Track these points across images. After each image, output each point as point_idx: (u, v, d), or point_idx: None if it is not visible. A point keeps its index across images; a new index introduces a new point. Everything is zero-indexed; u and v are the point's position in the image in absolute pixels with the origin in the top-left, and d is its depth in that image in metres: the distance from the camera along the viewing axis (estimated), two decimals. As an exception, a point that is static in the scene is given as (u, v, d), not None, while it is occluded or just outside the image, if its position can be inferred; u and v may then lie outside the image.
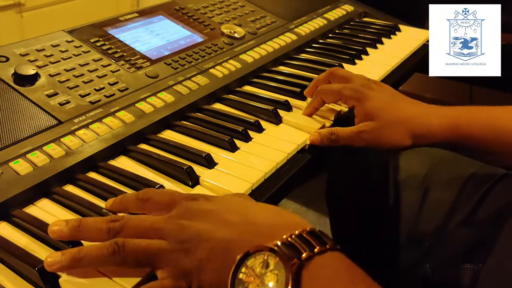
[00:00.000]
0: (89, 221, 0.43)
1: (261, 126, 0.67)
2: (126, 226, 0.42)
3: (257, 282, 0.35)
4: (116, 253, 0.40)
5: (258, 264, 0.36)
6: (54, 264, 0.40)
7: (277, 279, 0.35)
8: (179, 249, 0.39)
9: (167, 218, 0.42)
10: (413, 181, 0.71)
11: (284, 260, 0.35)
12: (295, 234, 0.37)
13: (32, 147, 0.55)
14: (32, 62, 0.66)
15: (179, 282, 0.39)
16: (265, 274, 0.36)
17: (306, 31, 0.99)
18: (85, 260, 0.40)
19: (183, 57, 0.78)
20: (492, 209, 0.63)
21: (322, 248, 0.36)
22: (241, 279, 0.36)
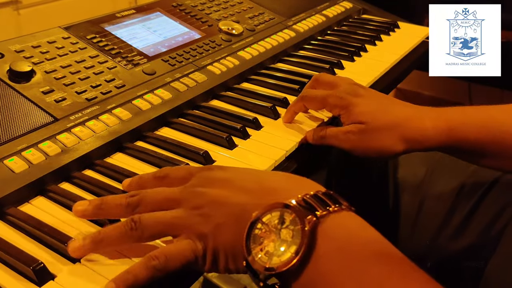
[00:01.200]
0: (109, 198, 0.45)
1: (259, 123, 0.66)
2: (144, 199, 0.43)
3: (273, 237, 0.36)
4: (134, 229, 0.41)
5: (274, 220, 0.37)
6: (77, 249, 0.42)
7: (293, 235, 0.35)
8: (195, 214, 0.40)
9: (183, 188, 0.43)
10: (412, 179, 0.71)
11: (300, 216, 0.36)
12: (311, 194, 0.38)
13: (27, 145, 0.54)
14: (27, 58, 0.66)
15: (195, 244, 0.40)
16: (281, 229, 0.36)
17: (304, 28, 0.98)
18: (105, 240, 0.42)
19: (181, 53, 0.78)
20: (494, 206, 0.63)
21: (337, 207, 0.37)
22: (257, 235, 0.37)
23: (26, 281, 0.41)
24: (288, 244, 0.35)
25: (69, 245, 0.42)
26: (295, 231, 0.35)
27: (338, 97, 0.60)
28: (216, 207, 0.40)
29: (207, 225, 0.40)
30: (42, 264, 0.41)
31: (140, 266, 0.39)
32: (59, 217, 0.49)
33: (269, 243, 0.36)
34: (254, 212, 0.38)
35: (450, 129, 0.57)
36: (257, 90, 0.77)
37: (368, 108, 0.59)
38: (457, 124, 0.57)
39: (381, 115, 0.58)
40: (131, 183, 0.49)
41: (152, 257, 0.39)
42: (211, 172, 0.44)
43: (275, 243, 0.36)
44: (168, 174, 0.46)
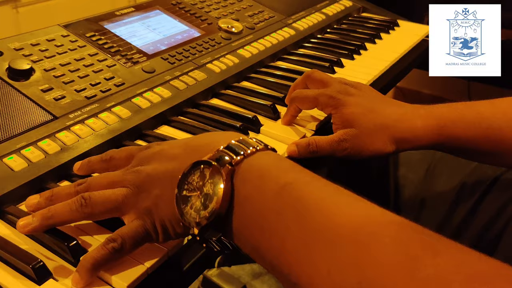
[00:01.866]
0: (59, 189, 0.47)
1: (259, 121, 0.66)
2: (90, 185, 0.45)
3: (197, 193, 0.39)
4: (84, 206, 0.43)
5: (196, 178, 0.39)
6: (27, 226, 0.43)
7: (213, 187, 0.38)
8: (138, 192, 0.42)
9: (125, 170, 0.45)
10: (414, 176, 0.71)
11: (216, 168, 0.38)
12: (224, 145, 0.40)
13: (27, 143, 0.54)
14: (26, 56, 0.65)
15: (144, 221, 0.42)
16: (204, 185, 0.39)
17: (304, 26, 0.98)
18: (55, 217, 0.43)
19: (180, 51, 0.78)
20: (495, 204, 0.62)
21: (251, 150, 0.39)
22: (185, 195, 0.39)
23: (25, 279, 0.41)
24: (211, 196, 0.38)
25: (18, 222, 0.43)
26: (215, 182, 0.38)
27: (330, 96, 0.60)
28: (151, 181, 0.42)
29: (148, 200, 0.42)
30: (42, 263, 0.41)
31: (98, 250, 0.41)
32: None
33: (196, 200, 0.39)
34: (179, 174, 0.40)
35: (441, 127, 0.57)
36: (256, 88, 0.77)
37: (359, 109, 0.58)
38: (447, 122, 0.57)
39: (371, 116, 0.58)
40: (81, 166, 0.51)
41: (109, 240, 0.41)
42: (148, 150, 0.46)
43: (200, 198, 0.38)
44: (112, 156, 0.48)
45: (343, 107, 0.59)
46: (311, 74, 0.65)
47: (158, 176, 0.42)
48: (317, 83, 0.64)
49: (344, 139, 0.57)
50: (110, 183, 0.44)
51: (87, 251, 0.44)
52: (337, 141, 0.58)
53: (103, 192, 0.44)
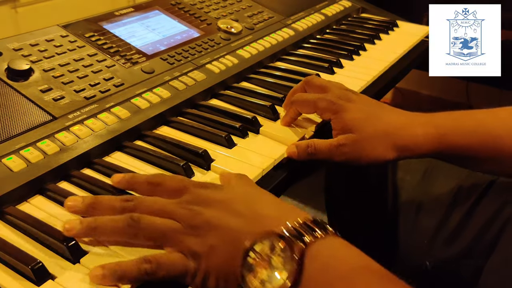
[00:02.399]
0: (104, 199, 0.46)
1: (258, 122, 0.66)
2: (139, 206, 0.44)
3: (265, 264, 0.38)
4: (131, 226, 0.42)
5: (266, 249, 0.39)
6: (72, 230, 0.43)
7: (284, 262, 0.38)
8: (190, 233, 0.42)
9: (178, 202, 0.44)
10: (412, 176, 0.71)
11: (289, 244, 0.38)
12: (300, 222, 0.40)
13: (26, 143, 0.54)
14: (26, 57, 0.65)
15: (187, 260, 0.41)
16: (272, 257, 0.38)
17: (303, 27, 0.98)
18: (99, 229, 0.43)
19: (179, 52, 0.78)
20: (492, 206, 0.62)
21: (324, 233, 0.39)
22: (250, 263, 0.39)
23: (24, 280, 0.41)
24: (280, 271, 0.38)
25: (65, 224, 0.43)
26: (285, 258, 0.38)
27: (330, 101, 0.59)
28: (210, 229, 0.42)
29: (201, 245, 0.41)
30: (41, 263, 0.41)
31: (131, 265, 0.40)
32: (57, 216, 0.48)
33: (262, 271, 0.38)
34: (245, 239, 0.40)
35: (441, 136, 0.57)
36: (256, 89, 0.77)
37: (359, 115, 0.58)
38: (447, 130, 0.57)
39: (372, 122, 0.58)
40: (122, 181, 0.49)
41: (145, 260, 0.40)
42: (206, 191, 0.45)
43: (267, 270, 0.38)
44: (162, 183, 0.47)
45: (343, 112, 0.58)
46: (311, 80, 0.64)
47: (221, 229, 0.42)
48: (316, 88, 0.64)
49: (343, 144, 0.57)
50: (160, 211, 0.44)
51: (86, 252, 0.44)
52: (336, 145, 0.57)
53: (154, 219, 0.43)
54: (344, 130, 0.58)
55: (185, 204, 0.44)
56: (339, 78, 0.83)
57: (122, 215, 0.43)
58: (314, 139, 0.59)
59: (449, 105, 0.60)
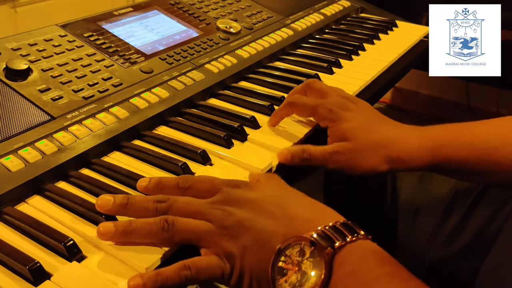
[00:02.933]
0: (136, 199, 0.46)
1: (257, 122, 0.66)
2: (172, 207, 0.45)
3: (295, 269, 0.39)
4: (165, 230, 0.43)
5: (296, 253, 0.40)
6: (107, 233, 0.43)
7: (313, 266, 0.39)
8: (224, 234, 0.43)
9: (211, 203, 0.45)
10: (410, 177, 0.71)
11: (318, 249, 0.39)
12: (329, 225, 0.40)
13: (24, 143, 0.54)
14: (24, 56, 0.65)
15: (224, 262, 0.42)
16: (302, 261, 0.39)
17: (302, 27, 0.98)
18: (134, 233, 0.43)
19: (178, 52, 0.78)
20: (490, 206, 0.62)
21: (354, 237, 0.40)
22: (281, 267, 0.40)
23: (22, 280, 0.41)
24: (309, 275, 0.38)
25: (101, 227, 0.43)
26: (315, 263, 0.39)
27: (328, 109, 0.60)
28: (243, 230, 0.42)
29: (235, 246, 0.42)
30: (38, 264, 0.41)
31: (172, 272, 0.40)
32: (56, 216, 0.48)
33: (292, 275, 0.39)
34: (277, 241, 0.41)
35: (435, 148, 0.57)
36: (255, 88, 0.77)
37: (355, 124, 0.58)
38: (442, 143, 0.57)
39: (367, 133, 0.58)
40: (149, 186, 0.49)
41: (185, 266, 0.41)
42: (237, 191, 0.46)
43: (297, 274, 0.39)
44: (192, 186, 0.47)
45: (340, 121, 0.59)
46: (312, 83, 0.64)
47: (253, 230, 0.42)
48: (316, 93, 0.63)
49: (338, 151, 0.57)
50: (193, 212, 0.44)
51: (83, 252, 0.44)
52: (331, 152, 0.57)
53: (188, 221, 0.43)
54: (340, 139, 0.58)
55: (217, 204, 0.44)
56: (338, 78, 0.83)
57: (156, 218, 0.43)
58: (308, 145, 0.58)
59: (448, 105, 0.60)
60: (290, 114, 0.65)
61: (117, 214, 0.46)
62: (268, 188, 0.48)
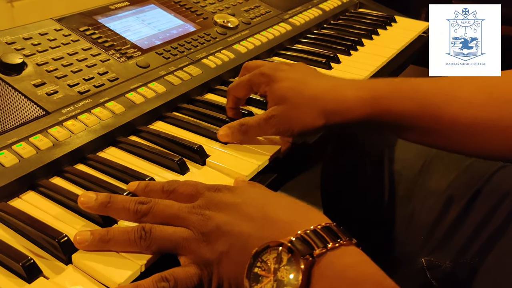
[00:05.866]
0: (118, 199, 0.45)
1: (254, 117, 0.65)
2: (153, 210, 0.44)
3: (271, 276, 0.37)
4: (143, 238, 0.42)
5: (272, 259, 0.37)
6: (83, 242, 0.42)
7: (289, 275, 0.36)
8: (202, 240, 0.41)
9: (191, 207, 0.43)
10: (408, 173, 0.70)
11: (296, 256, 0.36)
12: (310, 229, 0.38)
13: (18, 138, 0.53)
14: (18, 50, 0.64)
15: (201, 270, 0.41)
16: (279, 269, 0.37)
17: (301, 22, 0.97)
18: (112, 241, 0.42)
19: (175, 46, 0.77)
20: (489, 202, 0.62)
21: (335, 244, 0.37)
22: (256, 273, 0.37)
23: (15, 277, 0.41)
24: (284, 285, 0.36)
25: (77, 235, 0.42)
26: (291, 272, 0.36)
27: (261, 73, 0.59)
28: (220, 235, 0.41)
29: (212, 253, 0.41)
30: (32, 260, 0.41)
31: (149, 284, 0.39)
32: (50, 212, 0.48)
33: (267, 283, 0.37)
34: (255, 244, 0.38)
35: (374, 99, 0.54)
36: (252, 84, 0.76)
37: (289, 83, 0.57)
38: (382, 94, 0.54)
39: (301, 90, 0.56)
40: (137, 189, 0.48)
41: (162, 278, 0.39)
42: (218, 194, 0.44)
43: (272, 283, 0.36)
44: (176, 189, 0.46)
45: (273, 83, 0.58)
46: (247, 64, 0.66)
47: (230, 234, 0.41)
48: (252, 68, 0.63)
49: (272, 116, 0.56)
50: (173, 217, 0.43)
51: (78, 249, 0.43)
52: (266, 118, 0.57)
53: (165, 229, 0.42)
54: (277, 102, 0.57)
55: (197, 209, 0.43)
56: (336, 73, 0.82)
57: (134, 227, 0.42)
58: (246, 117, 0.59)
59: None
60: (238, 101, 0.64)
61: (98, 212, 0.45)
62: (250, 191, 0.46)
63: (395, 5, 1.15)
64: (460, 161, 0.68)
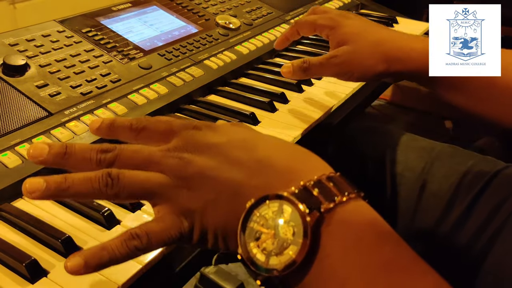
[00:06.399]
0: (77, 148, 0.37)
1: (256, 118, 0.66)
2: (119, 157, 0.37)
3: (271, 233, 0.32)
4: (109, 186, 0.35)
5: (272, 212, 0.32)
6: (35, 190, 0.34)
7: (293, 232, 0.31)
8: (182, 186, 0.35)
9: (166, 150, 0.37)
10: (410, 174, 0.70)
11: (301, 212, 0.31)
12: (314, 180, 0.33)
13: (21, 139, 0.54)
14: (21, 52, 0.65)
15: (180, 221, 0.35)
16: (280, 224, 0.32)
17: (302, 23, 0.97)
18: (71, 190, 0.35)
19: (177, 48, 0.77)
20: (491, 204, 0.62)
21: (344, 197, 0.33)
22: (252, 228, 0.33)
23: (18, 277, 0.41)
24: (288, 243, 0.31)
25: (27, 183, 0.35)
26: (296, 228, 0.31)
27: (328, 18, 0.64)
28: (204, 181, 0.35)
29: (194, 201, 0.35)
30: (35, 261, 0.41)
31: (118, 244, 0.34)
32: (53, 213, 0.48)
33: (267, 239, 0.32)
34: (248, 194, 0.33)
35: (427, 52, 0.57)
36: (254, 85, 0.76)
37: (355, 29, 0.61)
38: None
39: (365, 35, 0.60)
40: (101, 127, 0.41)
41: (133, 235, 0.34)
42: (197, 133, 0.38)
43: (273, 240, 0.32)
44: (146, 127, 0.39)
45: (339, 27, 0.62)
46: (316, 7, 0.69)
47: (216, 180, 0.35)
48: (320, 12, 0.67)
49: (335, 55, 0.59)
50: (144, 162, 0.36)
51: (81, 249, 0.43)
52: (328, 57, 0.60)
53: (136, 174, 0.36)
54: (340, 44, 0.61)
55: (173, 151, 0.37)
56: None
57: (98, 172, 0.35)
58: (308, 57, 0.62)
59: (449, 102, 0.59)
60: (296, 34, 0.69)
61: (54, 165, 0.37)
62: (236, 130, 0.40)
63: (396, 6, 1.15)
64: (461, 163, 0.68)
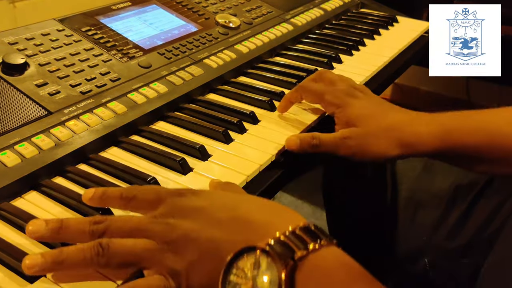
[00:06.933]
0: (71, 222, 0.40)
1: (256, 117, 0.66)
2: (110, 228, 0.39)
3: (249, 284, 0.34)
4: (100, 255, 0.37)
5: (250, 265, 0.35)
6: (34, 266, 0.37)
7: (270, 281, 0.34)
8: (167, 250, 0.38)
9: (153, 217, 0.40)
10: (411, 172, 0.70)
11: (276, 261, 0.34)
12: (288, 231, 0.36)
13: (20, 138, 0.54)
14: (21, 51, 0.65)
15: (167, 281, 0.37)
16: (257, 275, 0.34)
17: (302, 22, 0.97)
18: (66, 262, 0.38)
19: (177, 47, 0.77)
20: (492, 203, 0.62)
21: (316, 245, 0.35)
22: (232, 281, 0.35)
23: (17, 277, 0.41)
24: None
25: (25, 260, 0.38)
26: (272, 277, 0.34)
27: (335, 96, 0.61)
28: (187, 243, 0.38)
29: (179, 262, 0.37)
30: (34, 260, 0.41)
31: None
32: (52, 212, 0.48)
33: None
34: (227, 250, 0.36)
35: (445, 133, 0.56)
36: (254, 84, 0.76)
37: (363, 111, 0.59)
38: (452, 128, 0.57)
39: (376, 118, 0.58)
40: (94, 197, 0.44)
41: None
42: (182, 200, 0.41)
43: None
44: (136, 196, 0.42)
45: (347, 107, 0.59)
46: (323, 73, 0.66)
47: (198, 241, 0.37)
48: (326, 81, 0.65)
49: (349, 137, 0.57)
50: (133, 230, 0.39)
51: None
52: (342, 138, 0.57)
53: (124, 242, 0.38)
54: (348, 125, 0.58)
55: (160, 217, 0.39)
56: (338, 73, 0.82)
57: (90, 243, 0.38)
58: (317, 133, 0.59)
59: (448, 102, 0.60)
60: (299, 99, 0.66)
61: (51, 240, 0.41)
62: (219, 194, 0.44)
63: (397, 5, 1.15)
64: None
